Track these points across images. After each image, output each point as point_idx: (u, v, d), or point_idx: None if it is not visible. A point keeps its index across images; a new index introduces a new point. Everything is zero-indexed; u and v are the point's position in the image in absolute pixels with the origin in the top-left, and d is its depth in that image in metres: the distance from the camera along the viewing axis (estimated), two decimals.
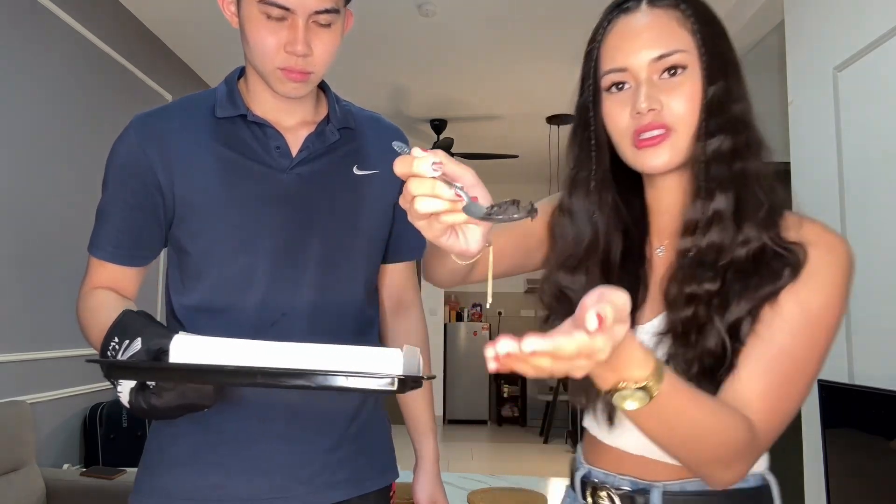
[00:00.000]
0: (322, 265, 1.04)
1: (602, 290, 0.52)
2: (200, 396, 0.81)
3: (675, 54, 0.78)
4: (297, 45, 0.94)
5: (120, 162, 1.04)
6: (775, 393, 0.72)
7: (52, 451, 2.85)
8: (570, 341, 0.48)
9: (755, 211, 0.77)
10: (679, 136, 0.79)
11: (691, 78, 0.78)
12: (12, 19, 2.61)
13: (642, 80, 0.79)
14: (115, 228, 1.03)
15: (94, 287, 1.04)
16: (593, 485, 0.88)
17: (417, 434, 1.21)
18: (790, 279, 0.74)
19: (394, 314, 1.22)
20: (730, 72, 0.80)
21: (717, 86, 0.78)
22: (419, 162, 0.59)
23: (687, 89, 0.78)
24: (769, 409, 0.72)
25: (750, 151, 0.79)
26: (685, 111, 0.78)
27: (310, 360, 0.73)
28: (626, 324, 0.53)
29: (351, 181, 1.08)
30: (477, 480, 3.80)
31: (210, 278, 1.02)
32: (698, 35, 0.79)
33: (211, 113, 1.04)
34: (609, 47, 0.83)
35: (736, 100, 0.79)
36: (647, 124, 0.78)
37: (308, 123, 1.08)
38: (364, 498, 1.07)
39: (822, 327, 0.74)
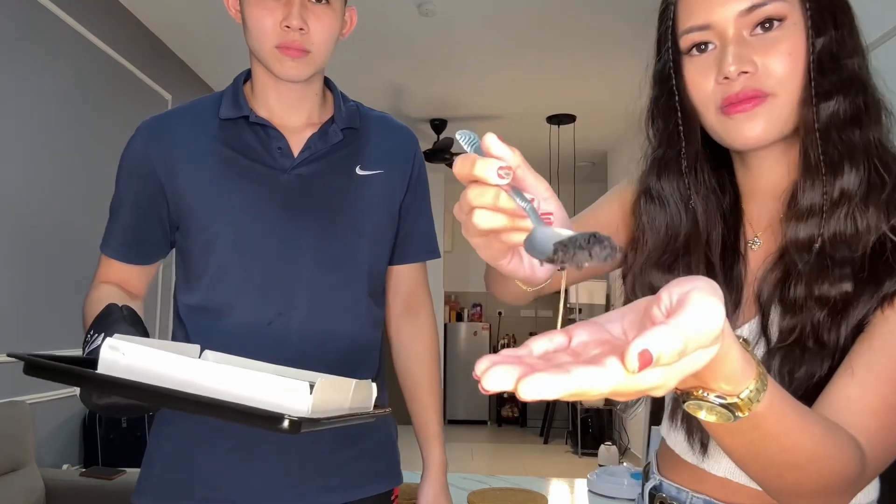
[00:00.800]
0: (319, 265, 1.04)
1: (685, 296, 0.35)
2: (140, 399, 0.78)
3: (770, 4, 0.64)
4: (292, 20, 0.97)
5: (126, 164, 1.07)
6: (891, 410, 0.58)
7: (51, 451, 2.85)
8: (597, 381, 0.33)
9: (879, 191, 0.63)
10: (779, 102, 0.65)
11: (792, 31, 0.64)
12: (13, 20, 2.60)
13: (730, 37, 0.66)
14: (121, 228, 1.07)
15: (102, 282, 1.07)
16: (661, 499, 0.79)
17: (425, 441, 1.20)
18: None
19: (401, 317, 1.21)
20: (841, 19, 0.66)
21: (826, 36, 0.64)
22: (483, 165, 0.45)
23: (788, 45, 0.64)
24: (882, 426, 0.58)
25: (870, 117, 0.65)
26: (786, 72, 0.64)
27: (214, 384, 0.67)
28: (711, 348, 0.36)
29: (353, 181, 1.08)
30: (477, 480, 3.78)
31: (209, 278, 1.03)
32: None
33: (215, 115, 1.06)
34: (687, 1, 0.69)
35: (850, 53, 0.66)
36: (739, 92, 0.65)
37: (313, 124, 1.08)
38: (361, 502, 1.07)
39: None
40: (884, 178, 0.63)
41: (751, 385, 0.44)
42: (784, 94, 0.65)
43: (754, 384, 0.44)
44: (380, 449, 1.12)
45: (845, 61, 0.65)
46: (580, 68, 4.27)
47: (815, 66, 0.64)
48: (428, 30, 3.72)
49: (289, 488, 1.02)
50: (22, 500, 2.27)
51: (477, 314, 7.99)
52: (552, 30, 3.72)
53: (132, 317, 0.85)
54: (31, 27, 2.71)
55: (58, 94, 2.89)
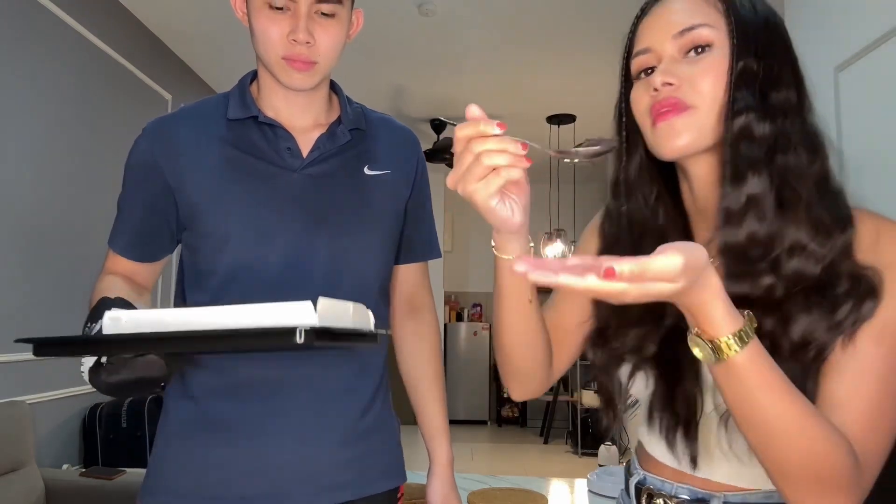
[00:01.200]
0: (331, 264, 1.05)
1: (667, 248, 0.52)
2: (147, 369, 0.80)
3: (699, 28, 0.72)
4: (299, 33, 0.96)
5: (132, 163, 1.08)
6: (877, 413, 0.63)
7: (51, 451, 2.85)
8: (582, 284, 0.50)
9: (795, 208, 0.68)
10: (699, 114, 0.72)
11: (718, 55, 0.72)
12: (13, 20, 2.60)
13: (665, 56, 0.74)
14: (127, 225, 1.08)
15: (109, 273, 1.09)
16: (649, 491, 0.84)
17: (431, 437, 1.20)
18: (871, 312, 0.65)
19: (405, 316, 1.21)
20: (772, 54, 0.73)
21: (748, 62, 0.71)
22: (484, 123, 0.60)
23: (712, 66, 0.72)
24: (872, 428, 0.63)
25: (790, 144, 0.70)
26: (707, 88, 0.71)
27: (224, 321, 0.70)
28: (671, 284, 0.52)
29: (362, 181, 1.09)
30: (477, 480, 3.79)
31: (220, 277, 1.03)
32: (730, 11, 0.73)
33: (223, 116, 1.06)
34: (641, 31, 0.78)
35: (777, 84, 0.72)
36: (662, 100, 0.73)
37: (320, 125, 1.09)
38: (369, 500, 1.07)
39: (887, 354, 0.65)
40: (799, 197, 0.68)
41: (730, 334, 0.57)
42: (704, 107, 0.72)
43: (734, 335, 0.57)
44: (387, 445, 1.13)
45: (769, 88, 0.71)
46: (580, 68, 4.27)
47: (733, 86, 0.71)
48: (428, 30, 3.72)
49: (300, 485, 1.02)
50: (22, 500, 2.27)
51: (477, 314, 7.99)
52: (552, 30, 3.72)
53: (123, 302, 0.87)
54: (31, 27, 2.71)
55: (58, 94, 2.89)
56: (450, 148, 5.23)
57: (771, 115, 0.71)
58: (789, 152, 0.70)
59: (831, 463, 0.60)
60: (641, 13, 0.80)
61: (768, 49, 0.73)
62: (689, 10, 0.74)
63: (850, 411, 0.63)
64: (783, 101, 0.72)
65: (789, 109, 0.72)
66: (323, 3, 0.98)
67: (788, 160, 0.70)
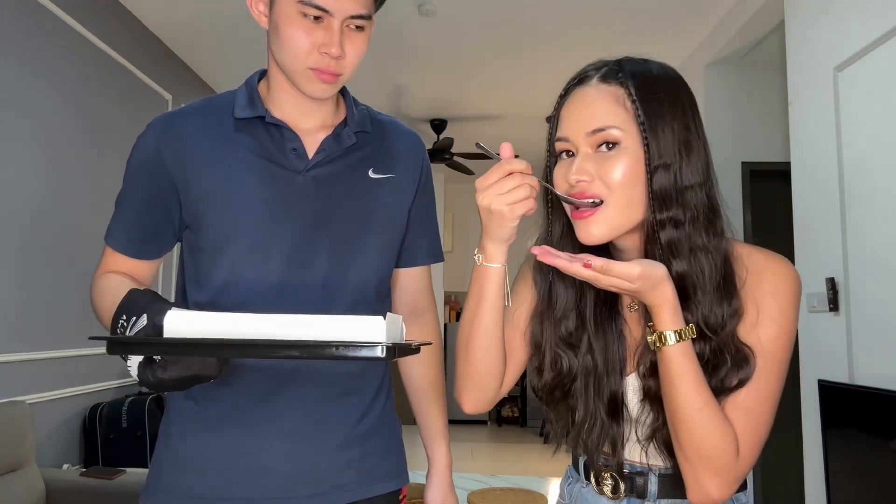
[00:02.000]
0: (333, 266, 1.05)
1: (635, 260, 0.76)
2: (204, 367, 0.82)
3: (608, 130, 0.82)
4: (332, 48, 0.96)
5: (137, 159, 1.06)
6: (752, 427, 0.81)
7: (51, 451, 2.85)
8: (567, 266, 0.75)
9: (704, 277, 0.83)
10: (610, 208, 0.83)
11: (627, 153, 0.82)
12: (13, 20, 2.61)
13: (580, 151, 0.84)
14: (127, 221, 1.07)
15: (108, 271, 1.07)
16: (597, 467, 0.94)
17: (430, 440, 1.20)
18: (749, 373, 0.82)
19: (407, 318, 1.20)
20: (679, 149, 0.82)
21: (659, 163, 0.81)
22: (519, 163, 0.80)
23: (620, 163, 0.82)
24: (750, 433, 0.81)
25: (695, 227, 0.82)
26: (616, 184, 0.82)
27: (299, 331, 0.74)
28: (630, 284, 0.75)
29: (366, 184, 1.08)
30: (477, 480, 3.79)
31: (223, 277, 1.03)
32: (639, 113, 0.82)
33: (229, 115, 1.05)
34: (562, 116, 0.88)
35: (684, 177, 0.82)
36: (579, 192, 0.84)
37: (326, 126, 1.08)
38: (371, 501, 1.07)
39: (778, 355, 0.83)
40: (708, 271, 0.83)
41: (670, 332, 0.78)
42: (613, 201, 0.82)
43: (674, 332, 0.78)
44: (389, 447, 1.13)
45: (676, 184, 0.82)
46: (580, 68, 4.27)
47: (650, 187, 0.82)
48: (428, 30, 3.72)
49: (303, 486, 1.02)
50: (22, 500, 2.27)
51: None
52: (552, 30, 3.72)
53: (161, 297, 0.87)
54: (31, 28, 2.71)
55: (58, 94, 2.89)
56: (450, 147, 5.23)
57: (685, 198, 0.82)
58: (696, 236, 0.83)
59: (717, 449, 0.78)
60: (563, 95, 0.90)
61: (680, 144, 0.83)
62: (602, 108, 0.84)
63: (736, 418, 0.81)
64: (695, 180, 0.83)
65: (700, 184, 0.83)
66: (357, 18, 0.97)
67: (696, 241, 0.83)
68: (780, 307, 0.82)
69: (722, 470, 0.78)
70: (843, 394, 2.00)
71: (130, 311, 0.84)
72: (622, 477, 0.92)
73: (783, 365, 0.83)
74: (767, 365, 0.82)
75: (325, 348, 0.73)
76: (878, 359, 2.06)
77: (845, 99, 2.25)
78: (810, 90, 2.44)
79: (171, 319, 0.78)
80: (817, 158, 2.38)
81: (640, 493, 0.91)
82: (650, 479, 0.90)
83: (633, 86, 0.83)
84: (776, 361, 0.82)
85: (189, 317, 0.79)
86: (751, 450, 0.81)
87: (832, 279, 2.26)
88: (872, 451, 1.88)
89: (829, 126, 2.30)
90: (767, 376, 0.82)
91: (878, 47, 2.08)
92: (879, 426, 1.84)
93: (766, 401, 0.82)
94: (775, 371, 0.82)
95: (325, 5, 0.94)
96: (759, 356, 0.82)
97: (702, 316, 0.82)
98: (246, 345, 0.75)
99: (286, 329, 0.75)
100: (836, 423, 2.02)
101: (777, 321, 0.82)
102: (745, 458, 0.80)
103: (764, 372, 0.82)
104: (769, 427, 0.83)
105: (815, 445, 2.19)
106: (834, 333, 2.26)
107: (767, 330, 0.82)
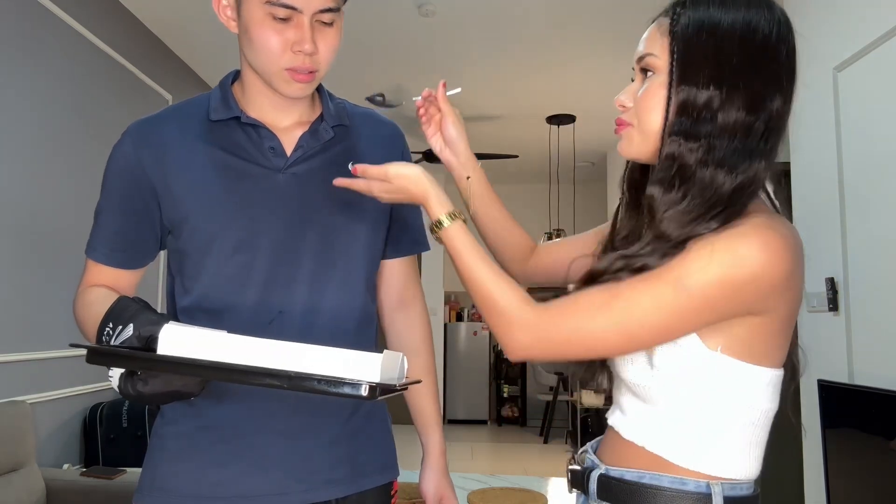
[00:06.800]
0: (319, 263, 1.05)
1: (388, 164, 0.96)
2: (185, 384, 0.82)
3: (646, 57, 0.87)
4: (305, 44, 0.95)
5: (115, 168, 1.06)
6: (591, 304, 0.82)
7: (52, 451, 2.85)
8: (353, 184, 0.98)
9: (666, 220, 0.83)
10: (635, 131, 0.88)
11: (657, 81, 0.85)
12: (12, 19, 2.61)
13: (636, 78, 0.90)
14: (109, 232, 1.06)
15: (92, 286, 1.07)
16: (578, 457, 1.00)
17: (423, 427, 1.21)
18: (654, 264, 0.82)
19: (394, 310, 1.22)
20: (717, 82, 0.81)
21: (685, 91, 0.82)
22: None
23: (650, 91, 0.86)
24: (562, 307, 0.84)
25: (707, 167, 0.81)
26: (642, 111, 0.87)
27: (289, 360, 0.74)
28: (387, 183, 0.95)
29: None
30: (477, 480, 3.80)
31: (208, 279, 1.03)
32: (675, 41, 0.83)
33: (205, 117, 1.05)
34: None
35: (716, 110, 0.81)
36: (618, 117, 0.91)
37: (303, 123, 1.08)
38: (363, 495, 1.07)
39: (661, 281, 0.79)
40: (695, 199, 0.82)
41: (443, 215, 0.92)
42: (639, 126, 0.88)
43: (446, 215, 0.92)
44: (380, 441, 1.13)
45: (706, 115, 0.81)
46: (580, 68, 4.27)
47: (669, 112, 0.83)
48: (428, 30, 3.72)
49: (296, 482, 1.02)
50: (22, 499, 2.27)
51: (477, 314, 7.99)
52: (552, 30, 3.72)
53: (150, 307, 0.87)
54: (30, 27, 2.71)
55: (57, 94, 2.89)
56: None
57: (696, 140, 0.82)
58: (700, 168, 0.82)
59: (500, 306, 0.87)
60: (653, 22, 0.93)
61: (717, 75, 0.81)
62: (648, 38, 0.88)
63: (570, 298, 0.85)
64: (718, 126, 0.81)
65: (724, 132, 0.81)
66: (325, 12, 0.97)
67: (699, 174, 0.82)
68: (699, 255, 0.78)
69: (513, 322, 0.85)
70: (843, 394, 2.00)
71: (117, 320, 0.84)
72: (573, 472, 0.97)
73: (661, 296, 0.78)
74: (644, 280, 0.80)
75: (307, 381, 0.73)
76: (878, 359, 2.06)
77: (845, 99, 2.25)
78: (810, 90, 2.44)
79: (166, 333, 0.78)
80: (817, 158, 2.39)
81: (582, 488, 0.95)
82: (591, 476, 0.92)
83: (679, 14, 0.84)
84: (657, 281, 0.79)
85: (183, 332, 0.78)
86: (565, 316, 0.83)
87: (832, 279, 2.26)
88: (872, 451, 1.88)
89: (829, 126, 2.30)
90: (637, 287, 0.80)
91: (878, 47, 2.08)
92: (879, 426, 1.84)
93: (619, 298, 0.80)
94: (650, 293, 0.79)
95: (292, 3, 0.94)
96: (645, 276, 0.80)
97: (633, 251, 0.83)
98: (226, 369, 0.75)
99: (276, 357, 0.75)
100: (835, 423, 2.02)
101: (687, 258, 0.78)
102: (556, 322, 0.83)
103: (635, 283, 0.80)
104: (596, 320, 0.81)
105: (814, 445, 2.19)
106: (834, 333, 2.26)
107: (677, 263, 0.79)
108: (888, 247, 2.02)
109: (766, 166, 0.83)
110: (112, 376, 0.83)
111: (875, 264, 2.08)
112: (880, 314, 2.05)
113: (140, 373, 0.81)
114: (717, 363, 0.81)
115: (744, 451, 0.84)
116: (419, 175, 0.93)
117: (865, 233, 2.13)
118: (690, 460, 0.83)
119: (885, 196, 2.04)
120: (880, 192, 2.06)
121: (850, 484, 1.95)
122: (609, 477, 0.89)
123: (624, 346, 0.83)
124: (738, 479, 0.84)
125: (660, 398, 0.85)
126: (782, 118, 0.84)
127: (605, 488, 0.89)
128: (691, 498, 0.82)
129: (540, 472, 4.98)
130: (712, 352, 0.81)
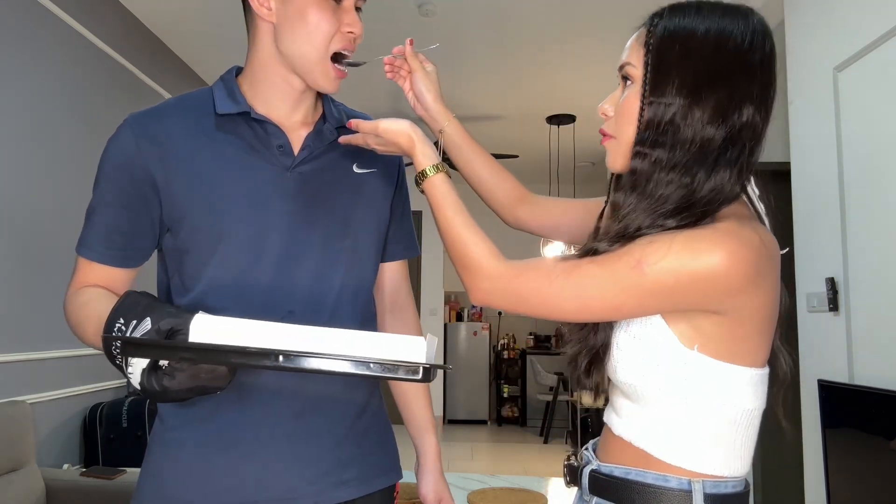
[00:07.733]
0: (326, 263, 1.04)
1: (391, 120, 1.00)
2: (213, 378, 0.79)
3: (626, 66, 0.89)
4: (356, 27, 1.01)
5: (114, 161, 1.01)
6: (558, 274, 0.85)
7: (51, 451, 2.85)
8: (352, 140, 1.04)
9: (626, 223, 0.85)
10: (615, 142, 0.90)
11: (633, 91, 0.86)
12: (12, 18, 2.61)
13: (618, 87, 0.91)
14: (106, 228, 1.01)
15: (85, 286, 1.03)
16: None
17: (418, 431, 1.20)
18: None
19: (387, 312, 1.22)
20: (682, 92, 0.82)
21: (654, 104, 0.83)
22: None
23: (628, 101, 0.87)
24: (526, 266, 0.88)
25: (665, 169, 0.83)
26: (619, 123, 0.89)
27: (339, 346, 0.72)
28: (378, 136, 1.00)
29: (352, 179, 1.09)
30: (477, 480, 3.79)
31: (212, 277, 1.00)
32: (649, 53, 0.84)
33: (210, 111, 1.03)
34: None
35: (679, 120, 0.82)
36: (601, 128, 0.93)
37: (307, 123, 1.08)
38: (370, 497, 1.07)
39: (621, 261, 0.81)
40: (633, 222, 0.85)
41: (428, 166, 0.97)
42: (620, 137, 0.89)
43: (431, 167, 0.97)
44: (384, 442, 1.13)
45: (674, 126, 0.83)
46: (580, 68, 4.27)
47: (640, 123, 0.85)
48: (428, 30, 3.72)
49: (305, 485, 1.01)
50: (22, 499, 2.27)
51: (477, 314, 7.99)
52: (552, 30, 3.72)
53: (160, 300, 0.84)
54: (29, 26, 2.71)
55: (56, 93, 2.89)
56: None
57: (660, 148, 0.83)
58: (662, 173, 0.84)
59: (470, 255, 0.91)
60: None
61: (689, 86, 0.82)
62: (629, 47, 0.89)
63: (536, 260, 0.89)
64: (680, 137, 0.83)
65: (686, 141, 0.82)
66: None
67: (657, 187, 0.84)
68: (660, 247, 0.79)
69: (481, 270, 0.90)
70: (843, 393, 2.00)
71: (130, 314, 0.81)
72: (568, 467, 1.00)
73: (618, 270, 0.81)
74: (603, 260, 0.83)
75: (362, 364, 0.71)
76: (878, 359, 2.06)
77: (845, 99, 2.25)
78: (810, 90, 2.44)
79: (197, 323, 0.74)
80: (817, 158, 2.38)
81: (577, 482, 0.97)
82: (584, 472, 0.95)
83: (658, 24, 0.85)
84: (616, 262, 0.81)
85: (215, 322, 0.74)
86: (526, 275, 0.87)
87: (832, 279, 2.26)
88: (872, 451, 1.88)
89: (829, 126, 2.30)
90: (594, 261, 0.83)
91: (878, 47, 2.08)
92: (879, 426, 1.84)
93: (579, 269, 0.84)
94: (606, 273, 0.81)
95: None
96: (606, 256, 0.83)
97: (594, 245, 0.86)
98: (276, 353, 0.71)
99: (325, 343, 0.72)
100: (835, 422, 2.02)
101: (647, 248, 0.80)
102: (517, 276, 0.88)
103: (595, 260, 0.83)
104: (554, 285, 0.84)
105: (814, 445, 2.19)
106: (834, 333, 2.26)
107: (633, 247, 0.81)
108: (888, 247, 2.01)
109: (733, 175, 0.83)
110: (132, 372, 0.78)
111: (875, 264, 2.08)
112: (880, 314, 2.05)
113: (165, 367, 0.77)
114: (693, 362, 0.82)
115: (727, 449, 0.85)
116: (407, 128, 0.98)
117: (865, 233, 2.13)
118: (674, 457, 0.85)
119: (885, 196, 2.04)
120: (880, 192, 2.06)
121: (850, 484, 1.95)
122: (600, 472, 0.92)
123: (577, 314, 0.86)
124: (722, 477, 0.85)
125: (646, 397, 0.86)
126: (755, 127, 0.83)
127: (596, 483, 0.92)
128: (673, 494, 0.84)
129: (540, 472, 4.97)
130: (689, 350, 0.82)
